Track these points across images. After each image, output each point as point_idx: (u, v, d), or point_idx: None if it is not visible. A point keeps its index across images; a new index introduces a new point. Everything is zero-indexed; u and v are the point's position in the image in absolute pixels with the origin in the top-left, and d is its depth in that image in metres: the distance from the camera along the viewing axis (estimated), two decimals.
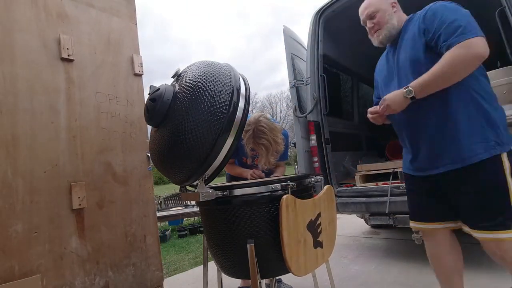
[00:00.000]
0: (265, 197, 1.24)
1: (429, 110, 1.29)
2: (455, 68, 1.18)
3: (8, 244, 1.27)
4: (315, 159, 2.92)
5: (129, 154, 1.79)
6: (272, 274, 1.35)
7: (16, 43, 1.40)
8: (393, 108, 1.31)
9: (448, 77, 1.20)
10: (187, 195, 1.39)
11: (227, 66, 1.33)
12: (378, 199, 2.52)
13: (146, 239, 1.80)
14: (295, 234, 1.22)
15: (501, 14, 2.16)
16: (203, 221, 1.43)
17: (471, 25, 1.19)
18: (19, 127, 1.37)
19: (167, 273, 3.25)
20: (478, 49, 1.15)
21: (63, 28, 1.59)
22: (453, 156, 1.25)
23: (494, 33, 2.78)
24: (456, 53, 1.17)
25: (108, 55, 1.79)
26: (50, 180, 1.44)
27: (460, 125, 1.24)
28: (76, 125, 1.57)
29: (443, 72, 1.19)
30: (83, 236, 1.52)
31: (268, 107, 41.00)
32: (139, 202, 1.80)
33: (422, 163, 1.36)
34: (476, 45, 1.15)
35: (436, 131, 1.29)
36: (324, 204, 1.42)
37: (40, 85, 1.46)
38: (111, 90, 1.77)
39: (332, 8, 2.96)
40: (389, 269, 2.52)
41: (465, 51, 1.16)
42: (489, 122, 1.23)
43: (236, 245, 1.25)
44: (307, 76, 3.07)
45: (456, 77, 1.20)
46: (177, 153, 1.23)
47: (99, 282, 1.55)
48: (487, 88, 1.28)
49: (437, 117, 1.28)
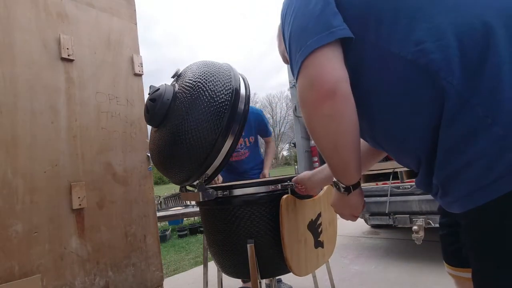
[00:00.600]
0: (265, 197, 1.24)
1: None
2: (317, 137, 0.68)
3: (8, 244, 1.27)
4: (315, 159, 2.93)
5: (129, 154, 1.79)
6: (272, 274, 1.35)
7: (16, 43, 1.40)
8: (350, 213, 0.85)
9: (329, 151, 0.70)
10: (187, 195, 1.39)
11: (227, 66, 1.33)
12: (378, 199, 2.52)
13: (146, 239, 1.80)
14: (296, 234, 1.22)
15: None
16: (203, 221, 1.43)
17: (297, 32, 0.65)
18: (19, 127, 1.37)
19: (167, 273, 3.25)
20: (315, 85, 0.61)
21: (63, 28, 1.59)
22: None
23: None
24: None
25: (108, 55, 1.79)
26: (50, 180, 1.44)
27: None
28: (76, 125, 1.57)
29: (324, 153, 0.71)
30: (83, 236, 1.52)
31: (268, 107, 41.05)
32: (139, 202, 1.80)
33: None
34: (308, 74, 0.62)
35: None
36: (324, 204, 1.42)
37: (40, 85, 1.46)
38: (111, 90, 1.77)
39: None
40: (389, 269, 2.52)
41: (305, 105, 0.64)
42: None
43: (236, 245, 1.25)
44: None
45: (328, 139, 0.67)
46: (177, 153, 1.23)
47: (99, 282, 1.55)
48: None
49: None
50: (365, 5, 0.63)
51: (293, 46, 0.65)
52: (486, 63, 0.52)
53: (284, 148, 41.60)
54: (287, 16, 0.68)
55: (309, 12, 0.63)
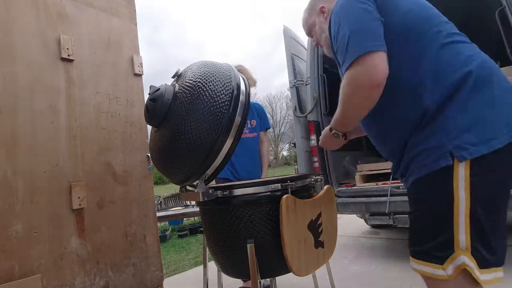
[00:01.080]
0: (265, 197, 1.24)
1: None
2: (349, 108, 0.96)
3: (8, 244, 1.27)
4: (315, 159, 2.92)
5: (129, 154, 1.79)
6: (272, 274, 1.35)
7: (16, 43, 1.40)
8: (331, 148, 1.23)
9: (350, 113, 0.98)
10: (187, 195, 1.39)
11: (227, 66, 1.33)
12: (378, 199, 2.52)
13: (146, 239, 1.80)
14: (296, 234, 1.22)
15: (501, 14, 2.15)
16: (203, 221, 1.43)
17: (357, 35, 0.88)
18: (19, 127, 1.37)
19: (167, 273, 3.25)
20: (368, 74, 0.85)
21: (63, 28, 1.59)
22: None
23: (494, 33, 2.78)
24: (344, 89, 0.93)
25: (108, 55, 1.79)
26: (50, 180, 1.44)
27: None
28: (76, 125, 1.57)
29: (342, 111, 0.99)
30: (83, 236, 1.52)
31: (268, 107, 41.02)
32: (139, 202, 1.80)
33: None
34: (364, 64, 0.85)
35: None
36: (324, 204, 1.42)
37: (40, 85, 1.46)
38: (111, 90, 1.77)
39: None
40: (389, 269, 2.52)
41: (352, 82, 0.89)
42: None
43: (236, 245, 1.25)
44: (307, 76, 3.07)
45: (355, 108, 0.94)
46: (177, 153, 1.23)
47: (99, 282, 1.55)
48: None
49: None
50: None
51: (352, 40, 0.88)
52: (452, 97, 0.86)
53: (284, 148, 41.65)
54: (346, 16, 0.93)
55: (370, 23, 0.90)
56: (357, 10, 0.91)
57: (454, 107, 0.84)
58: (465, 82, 0.85)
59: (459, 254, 0.82)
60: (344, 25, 0.91)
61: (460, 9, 3.18)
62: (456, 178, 0.81)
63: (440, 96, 0.86)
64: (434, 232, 0.86)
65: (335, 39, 0.95)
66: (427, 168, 0.86)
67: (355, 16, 0.91)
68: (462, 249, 0.82)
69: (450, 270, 0.83)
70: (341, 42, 0.91)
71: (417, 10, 0.95)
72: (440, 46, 0.90)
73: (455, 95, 0.85)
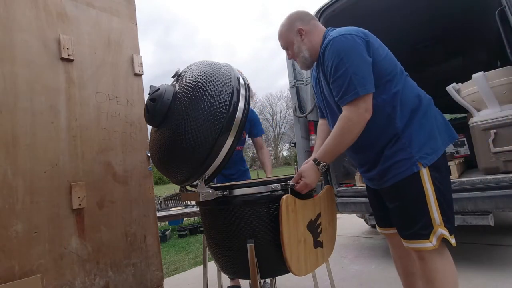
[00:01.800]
0: (265, 197, 1.24)
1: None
2: (345, 138, 1.18)
3: (8, 244, 1.27)
4: None
5: (129, 154, 1.79)
6: (272, 274, 1.35)
7: (16, 43, 1.40)
8: (312, 184, 1.26)
9: (343, 145, 1.20)
10: (187, 195, 1.39)
11: (227, 66, 1.33)
12: None
13: (146, 239, 1.80)
14: (295, 234, 1.22)
15: (501, 14, 2.15)
16: (203, 221, 1.43)
17: (356, 77, 1.13)
18: (19, 127, 1.37)
19: (167, 273, 3.25)
20: (360, 114, 1.14)
21: (63, 28, 1.59)
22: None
23: (494, 33, 2.78)
24: (341, 123, 1.17)
25: (108, 55, 1.79)
26: (50, 180, 1.44)
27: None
28: (76, 125, 1.57)
29: (335, 144, 1.20)
30: (83, 236, 1.52)
31: (268, 107, 41.04)
32: (139, 202, 1.80)
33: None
34: (359, 109, 1.13)
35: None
36: (324, 204, 1.42)
37: (40, 85, 1.46)
38: (111, 90, 1.77)
39: (332, 7, 2.95)
40: (389, 268, 2.52)
41: (349, 121, 1.15)
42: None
43: (236, 245, 1.25)
44: (307, 76, 3.07)
45: (349, 141, 1.19)
46: (177, 153, 1.23)
47: (99, 282, 1.55)
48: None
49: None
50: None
51: (354, 80, 1.13)
52: (413, 117, 1.20)
53: (284, 148, 41.66)
54: (347, 55, 1.15)
55: (365, 68, 1.15)
56: (357, 54, 1.15)
57: (415, 127, 1.19)
58: (419, 106, 1.21)
59: (437, 228, 1.16)
60: (347, 62, 1.15)
61: (460, 10, 3.19)
62: (423, 178, 1.17)
63: (405, 118, 1.20)
64: (417, 217, 1.18)
65: (335, 70, 1.18)
66: (404, 173, 1.19)
67: (356, 60, 1.15)
68: (438, 224, 1.16)
69: (434, 241, 1.15)
70: (341, 77, 1.16)
71: (389, 54, 1.25)
72: (404, 81, 1.24)
73: (414, 117, 1.20)
